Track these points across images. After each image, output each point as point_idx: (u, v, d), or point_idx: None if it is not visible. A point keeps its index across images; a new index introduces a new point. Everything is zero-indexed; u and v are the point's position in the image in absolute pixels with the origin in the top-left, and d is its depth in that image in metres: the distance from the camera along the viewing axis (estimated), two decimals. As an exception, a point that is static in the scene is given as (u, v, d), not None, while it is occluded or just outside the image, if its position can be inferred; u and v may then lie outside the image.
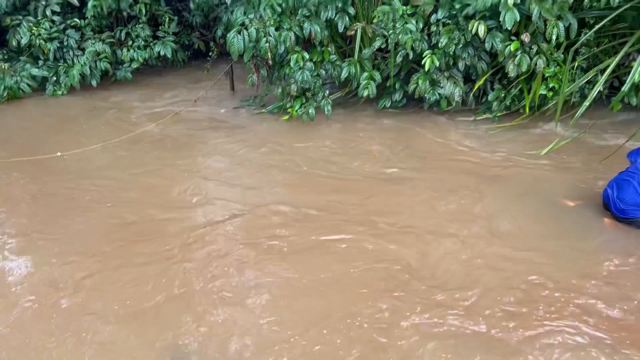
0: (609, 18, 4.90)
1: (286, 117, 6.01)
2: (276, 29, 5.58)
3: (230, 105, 6.67)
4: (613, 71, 5.18)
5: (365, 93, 5.71)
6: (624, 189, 3.87)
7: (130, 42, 7.23)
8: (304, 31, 5.60)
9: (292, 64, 5.60)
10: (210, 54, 7.34)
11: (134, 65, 7.21)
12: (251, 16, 5.65)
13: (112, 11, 7.16)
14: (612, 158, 4.67)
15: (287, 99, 6.04)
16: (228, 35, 5.63)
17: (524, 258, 3.65)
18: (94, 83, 7.14)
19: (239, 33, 5.57)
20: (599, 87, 4.73)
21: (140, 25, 7.22)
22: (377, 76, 5.72)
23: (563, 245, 3.76)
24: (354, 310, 3.21)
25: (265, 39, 5.53)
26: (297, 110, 5.88)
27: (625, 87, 4.52)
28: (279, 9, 5.63)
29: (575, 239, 3.82)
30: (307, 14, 5.67)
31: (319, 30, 5.60)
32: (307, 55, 5.66)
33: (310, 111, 5.81)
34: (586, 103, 4.72)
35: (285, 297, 3.34)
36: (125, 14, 7.21)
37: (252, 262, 3.66)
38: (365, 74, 5.71)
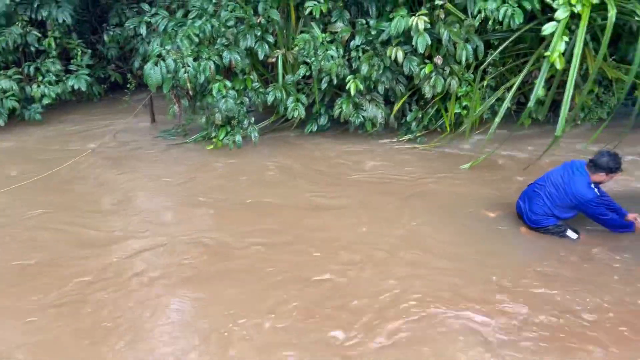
0: (510, 39, 5.27)
1: (210, 146, 5.92)
2: (195, 59, 5.52)
3: (151, 137, 6.48)
4: (519, 88, 5.55)
5: (296, 114, 5.76)
6: (534, 201, 4.11)
7: (40, 78, 6.87)
8: (224, 60, 5.57)
9: (214, 93, 5.54)
10: (128, 86, 7.12)
11: (46, 101, 6.83)
12: (168, 47, 5.55)
13: (18, 46, 6.78)
14: (528, 170, 4.97)
15: (212, 128, 5.96)
16: (145, 67, 5.50)
17: (442, 266, 3.80)
18: (1, 122, 6.68)
19: (156, 64, 5.45)
20: (506, 104, 5.04)
21: (51, 60, 6.88)
22: (304, 99, 5.79)
23: (480, 253, 3.94)
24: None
25: (183, 69, 5.45)
26: (222, 139, 5.80)
27: (530, 103, 4.83)
28: (197, 39, 5.57)
29: (492, 246, 4.03)
30: (226, 43, 5.65)
31: (239, 58, 5.60)
32: (229, 84, 5.63)
33: (236, 139, 5.75)
34: (497, 120, 5.01)
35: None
36: (33, 48, 6.86)
37: (168, 293, 3.53)
38: (292, 98, 5.76)
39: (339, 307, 3.41)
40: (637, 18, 4.89)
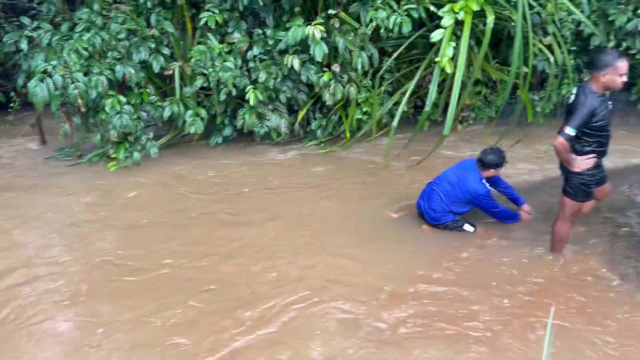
0: (403, 46, 5.51)
1: (112, 164, 5.59)
2: (85, 74, 5.21)
3: (41, 159, 6.01)
4: (415, 92, 5.81)
5: (193, 130, 5.60)
6: (432, 199, 4.31)
7: None
8: (117, 74, 5.32)
9: (107, 108, 5.26)
10: (11, 105, 6.57)
11: None
12: (54, 62, 5.19)
13: None
14: (430, 170, 5.18)
15: (109, 146, 5.64)
16: (29, 84, 5.12)
17: (342, 267, 3.93)
18: None
19: (42, 81, 5.08)
20: (402, 108, 5.24)
21: None
22: (203, 113, 5.65)
23: (382, 251, 4.09)
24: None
25: (73, 85, 5.12)
26: (122, 157, 5.52)
27: (427, 107, 5.06)
28: (86, 53, 5.27)
29: (393, 245, 4.19)
30: (118, 57, 5.40)
31: (133, 72, 5.37)
32: (123, 99, 5.37)
33: (135, 155, 5.50)
34: (394, 124, 5.19)
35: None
36: None
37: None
38: (190, 112, 5.60)
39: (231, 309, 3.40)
40: (513, 24, 5.30)
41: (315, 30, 5.11)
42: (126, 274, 3.85)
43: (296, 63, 5.28)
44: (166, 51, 5.56)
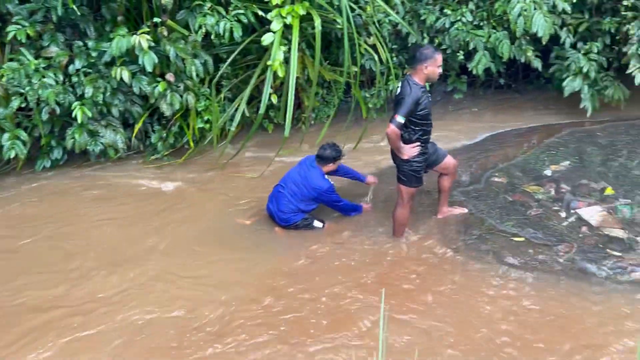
0: (236, 52, 5.50)
1: None
2: None
3: None
4: (256, 97, 5.84)
5: (13, 154, 5.01)
6: (280, 201, 4.37)
7: None
8: None
9: None
10: None
11: None
12: None
13: None
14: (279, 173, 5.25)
15: None
16: None
17: (192, 276, 3.89)
18: None
19: None
20: (239, 114, 5.25)
21: None
22: (23, 135, 5.07)
23: (239, 259, 4.08)
24: None
25: None
26: None
27: (261, 111, 5.12)
28: None
29: (252, 251, 4.19)
30: None
31: None
32: None
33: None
34: (232, 129, 5.18)
35: None
36: None
37: None
38: (7, 135, 4.99)
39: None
40: (339, 26, 5.59)
41: (142, 40, 4.87)
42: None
43: (125, 75, 4.99)
44: (-32, 71, 4.89)
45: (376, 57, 5.89)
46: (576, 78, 6.01)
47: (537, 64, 6.19)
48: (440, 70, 3.82)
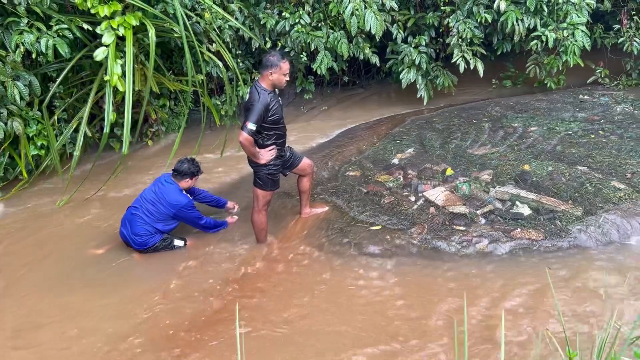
0: (67, 70, 5.05)
1: None
2: None
3: None
4: (97, 115, 5.41)
5: None
6: (134, 223, 4.10)
7: None
8: None
9: None
10: None
11: None
12: None
13: None
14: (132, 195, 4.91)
15: None
16: None
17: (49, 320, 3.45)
18: None
19: None
20: (81, 134, 4.85)
21: None
22: None
23: (93, 296, 3.72)
24: None
25: None
26: None
27: (106, 129, 4.76)
28: None
29: (105, 285, 3.85)
30: None
31: None
32: None
33: None
34: (76, 153, 4.76)
35: None
36: None
37: None
38: None
39: None
40: (176, 35, 5.40)
41: (-54, 64, 4.25)
42: None
43: None
44: None
45: (221, 64, 5.80)
46: (410, 70, 6.51)
47: (375, 59, 6.57)
48: (287, 78, 3.83)
